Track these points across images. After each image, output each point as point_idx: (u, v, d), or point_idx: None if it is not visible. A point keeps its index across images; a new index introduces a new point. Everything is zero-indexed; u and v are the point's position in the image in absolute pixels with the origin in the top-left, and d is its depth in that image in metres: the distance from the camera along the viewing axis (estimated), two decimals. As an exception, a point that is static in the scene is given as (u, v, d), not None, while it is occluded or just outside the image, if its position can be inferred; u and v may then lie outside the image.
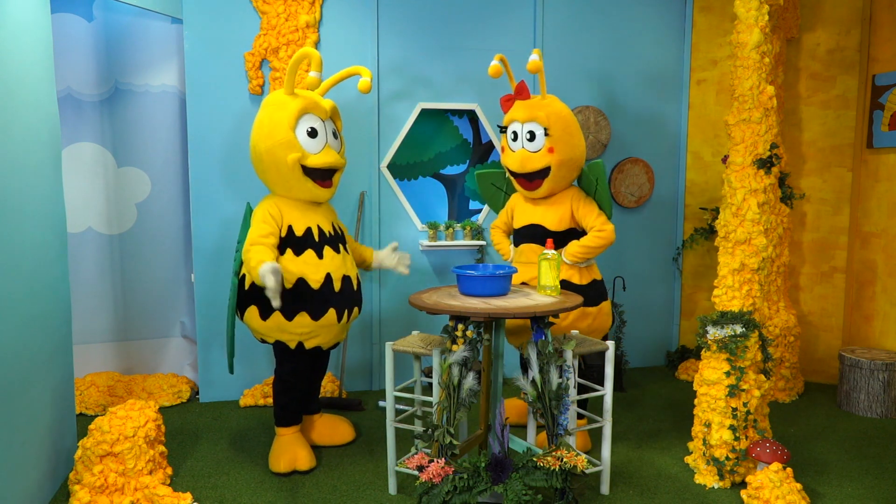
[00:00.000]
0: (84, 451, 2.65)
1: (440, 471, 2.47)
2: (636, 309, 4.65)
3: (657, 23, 4.52)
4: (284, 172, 2.96)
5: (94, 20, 3.77)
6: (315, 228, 3.02)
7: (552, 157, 3.16)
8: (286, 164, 2.93)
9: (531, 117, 3.17)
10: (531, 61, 3.17)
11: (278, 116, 2.94)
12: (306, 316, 2.94)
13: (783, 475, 2.63)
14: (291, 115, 2.93)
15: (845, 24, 4.13)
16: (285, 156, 2.92)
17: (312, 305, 2.95)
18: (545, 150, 3.16)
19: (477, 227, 4.27)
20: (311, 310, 2.95)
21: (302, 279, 2.93)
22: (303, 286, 2.93)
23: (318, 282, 2.95)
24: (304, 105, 2.96)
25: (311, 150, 2.97)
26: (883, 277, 4.04)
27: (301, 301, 2.93)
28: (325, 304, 2.96)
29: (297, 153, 2.93)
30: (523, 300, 2.71)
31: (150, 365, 4.13)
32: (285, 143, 2.92)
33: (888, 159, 3.98)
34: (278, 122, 2.93)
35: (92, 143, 3.85)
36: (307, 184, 2.99)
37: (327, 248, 3.01)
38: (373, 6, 4.01)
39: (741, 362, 2.88)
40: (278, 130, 2.93)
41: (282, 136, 2.92)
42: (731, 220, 3.00)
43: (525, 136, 3.19)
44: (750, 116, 2.94)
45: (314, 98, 3.02)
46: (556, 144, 3.16)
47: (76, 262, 3.84)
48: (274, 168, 2.97)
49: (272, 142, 2.94)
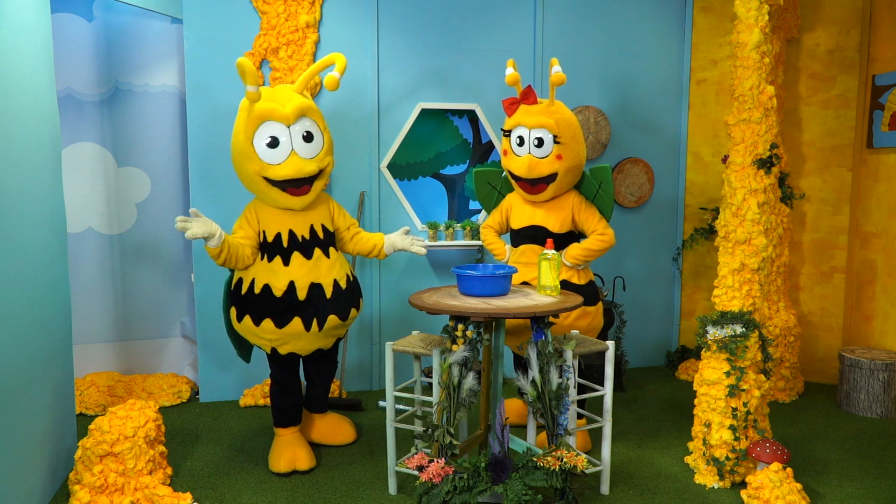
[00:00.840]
0: (84, 451, 2.65)
1: (440, 471, 2.47)
2: (636, 309, 4.65)
3: (657, 23, 4.52)
4: (251, 182, 2.89)
5: (94, 20, 3.78)
6: (286, 233, 2.92)
7: (560, 164, 3.15)
8: (248, 176, 2.86)
9: (540, 124, 3.12)
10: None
11: (239, 125, 2.84)
12: (271, 322, 2.88)
13: (783, 475, 2.63)
14: (249, 125, 2.78)
15: (845, 24, 4.13)
16: (248, 167, 2.82)
17: (276, 313, 2.88)
18: (553, 157, 3.14)
19: (477, 227, 4.26)
20: (275, 317, 2.87)
21: (267, 285, 2.88)
22: (267, 293, 2.88)
23: (280, 289, 2.87)
24: (260, 113, 2.77)
25: (271, 160, 2.80)
26: (883, 277, 4.04)
27: (266, 307, 2.89)
28: (288, 313, 2.88)
29: (256, 165, 2.81)
30: (523, 300, 2.71)
31: (150, 365, 4.13)
32: (244, 154, 2.81)
33: (888, 159, 3.98)
34: (238, 131, 2.84)
35: (92, 143, 3.85)
36: (273, 193, 2.86)
37: (296, 255, 2.91)
38: (373, 6, 4.01)
39: (741, 362, 2.88)
40: (238, 140, 2.83)
41: (241, 147, 2.81)
42: (731, 220, 3.00)
43: (533, 141, 3.16)
44: (750, 116, 2.94)
45: (274, 104, 2.81)
46: (565, 152, 3.14)
47: (76, 262, 3.84)
48: (243, 177, 2.90)
49: (236, 151, 2.86)
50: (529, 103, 3.20)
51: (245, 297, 2.93)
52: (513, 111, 3.25)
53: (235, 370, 3.99)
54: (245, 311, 2.92)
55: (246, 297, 2.92)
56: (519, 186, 3.30)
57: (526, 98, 3.20)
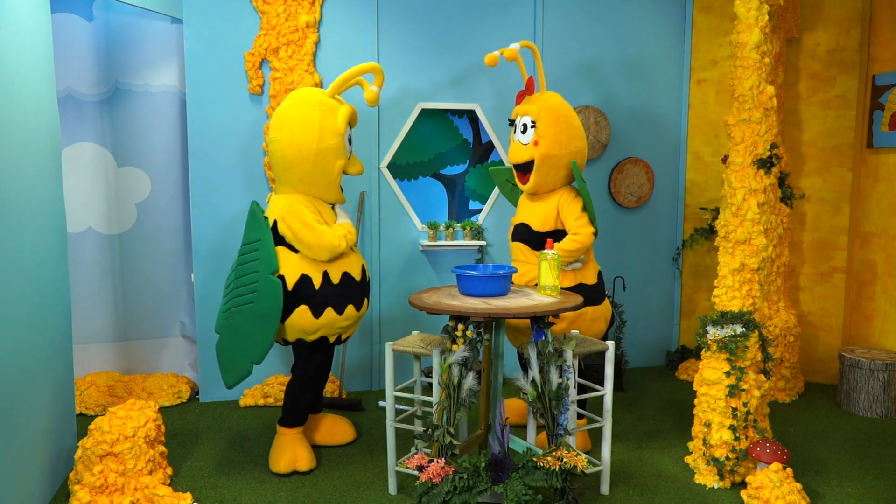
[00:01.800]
0: (84, 451, 2.65)
1: (440, 471, 2.47)
2: (636, 309, 4.65)
3: (657, 23, 4.52)
4: (329, 177, 3.02)
5: (94, 20, 3.77)
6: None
7: (535, 150, 3.18)
8: (333, 170, 3.01)
9: (525, 111, 3.25)
10: (510, 48, 3.25)
11: (331, 121, 2.98)
12: (353, 308, 3.04)
13: (783, 475, 2.63)
14: (343, 122, 3.02)
15: (845, 24, 4.13)
16: (334, 161, 3.00)
17: (356, 297, 3.06)
18: (531, 143, 3.21)
19: (477, 227, 4.26)
20: (356, 301, 3.07)
21: (347, 273, 3.02)
22: (348, 279, 3.02)
23: (358, 274, 3.08)
24: (351, 113, 3.08)
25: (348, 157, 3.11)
26: (883, 277, 4.04)
27: (348, 294, 3.02)
28: (362, 295, 3.11)
29: (343, 160, 3.05)
30: (523, 300, 2.71)
31: (150, 365, 4.13)
32: (337, 148, 3.00)
33: (888, 159, 3.98)
34: (332, 127, 2.98)
35: (92, 143, 3.85)
36: (336, 188, 3.10)
37: None
38: (373, 6, 4.01)
39: (741, 362, 2.88)
40: (332, 135, 2.98)
41: (335, 142, 2.99)
42: (731, 220, 3.00)
43: (519, 128, 3.27)
44: (750, 116, 2.94)
45: (351, 108, 3.10)
46: (541, 138, 3.17)
47: (76, 262, 3.84)
48: (321, 171, 2.99)
49: (325, 145, 2.96)
50: (529, 93, 3.33)
51: (321, 290, 2.94)
52: (519, 101, 3.37)
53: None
54: (325, 304, 2.95)
55: (322, 290, 2.94)
56: (515, 175, 3.39)
57: (527, 89, 3.33)
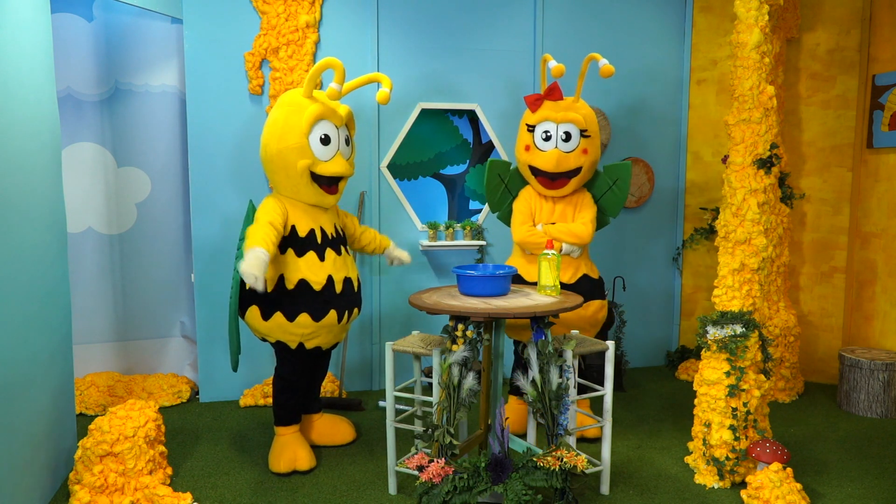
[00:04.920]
0: (84, 451, 2.65)
1: (440, 471, 2.47)
2: (636, 309, 4.65)
3: (657, 23, 4.52)
4: (293, 176, 2.95)
5: (94, 20, 3.77)
6: (318, 231, 3.02)
7: (585, 158, 3.27)
8: (295, 169, 2.93)
9: (568, 119, 3.24)
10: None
11: (294, 120, 2.92)
12: (307, 317, 2.94)
13: (783, 475, 2.63)
14: (307, 121, 2.90)
15: (845, 24, 4.13)
16: (296, 161, 2.91)
17: (314, 306, 2.95)
18: (579, 151, 3.25)
19: (477, 227, 4.26)
20: (313, 311, 2.95)
21: (304, 280, 2.93)
22: (304, 287, 2.94)
23: (319, 283, 2.95)
24: (321, 111, 2.93)
25: (322, 157, 2.96)
26: (883, 277, 4.04)
27: (303, 302, 2.94)
28: (326, 306, 2.97)
29: (308, 160, 2.92)
30: (523, 300, 2.71)
31: (150, 365, 4.13)
32: (297, 148, 2.91)
33: (888, 159, 3.98)
34: (293, 126, 2.91)
35: (92, 143, 3.85)
36: (313, 189, 2.99)
37: (329, 251, 3.02)
38: (373, 6, 4.01)
39: (741, 362, 2.88)
40: (292, 134, 2.91)
41: (295, 141, 2.91)
42: (731, 220, 3.00)
43: (560, 136, 3.24)
44: (750, 116, 2.94)
45: (331, 104, 3.00)
46: (590, 146, 3.28)
47: (76, 262, 3.84)
48: (283, 171, 2.96)
49: (284, 145, 2.92)
50: (554, 99, 3.29)
51: (273, 294, 2.95)
52: (537, 107, 3.32)
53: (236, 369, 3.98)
54: (274, 308, 2.94)
55: (274, 294, 2.94)
56: (538, 181, 3.33)
57: (551, 94, 3.30)
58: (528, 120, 3.34)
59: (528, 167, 3.34)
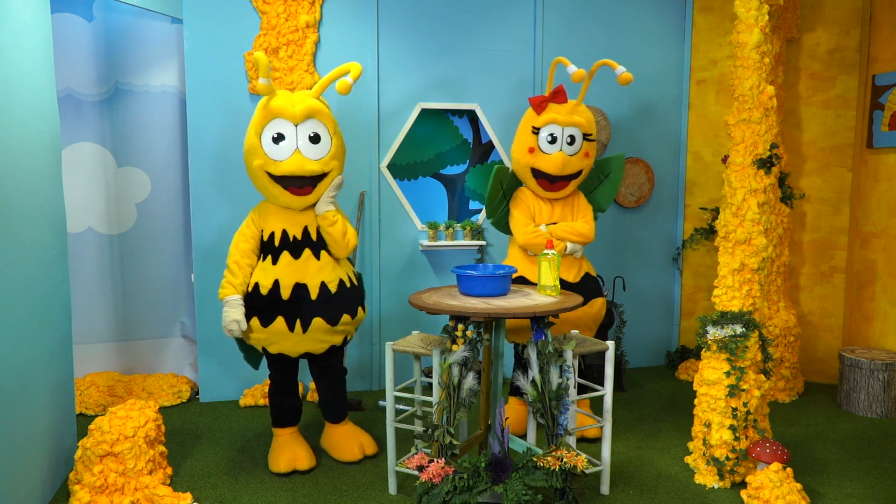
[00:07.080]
0: (84, 451, 2.65)
1: (440, 471, 2.47)
2: (636, 309, 4.65)
3: (657, 23, 4.52)
4: (255, 178, 2.95)
5: (94, 20, 3.77)
6: (279, 233, 2.96)
7: (587, 161, 3.33)
8: (252, 171, 2.93)
9: (573, 122, 3.26)
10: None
11: (252, 120, 2.94)
12: (257, 321, 2.92)
13: (783, 475, 2.63)
14: (259, 120, 2.89)
15: (845, 24, 4.13)
16: (252, 161, 2.91)
17: (261, 312, 2.92)
18: (582, 154, 3.29)
19: (477, 227, 4.26)
20: (261, 316, 2.91)
21: (256, 284, 2.93)
22: (255, 291, 2.93)
23: (266, 287, 2.91)
24: (271, 109, 2.87)
25: (274, 156, 2.87)
26: (883, 277, 4.04)
27: (253, 306, 2.93)
28: (271, 312, 2.91)
29: (260, 160, 2.88)
30: (523, 300, 2.71)
31: (150, 365, 4.13)
32: (251, 148, 2.90)
33: (888, 159, 3.98)
34: (250, 127, 2.94)
35: (92, 143, 3.85)
36: (275, 189, 2.92)
37: (285, 254, 2.94)
38: (373, 6, 4.01)
39: (741, 362, 2.88)
40: (248, 135, 2.93)
41: (250, 142, 2.91)
42: (731, 220, 3.00)
43: (566, 139, 3.25)
44: (750, 116, 2.94)
45: (284, 102, 2.89)
46: (591, 150, 3.34)
47: (76, 262, 3.84)
48: (249, 173, 2.98)
49: (245, 146, 2.95)
50: (559, 102, 3.31)
51: (247, 296, 2.97)
52: (542, 109, 3.31)
53: (235, 370, 3.99)
54: (251, 313, 2.95)
55: (248, 296, 2.97)
56: (538, 183, 3.33)
57: (556, 97, 3.31)
58: (534, 122, 3.31)
59: (531, 169, 3.33)
